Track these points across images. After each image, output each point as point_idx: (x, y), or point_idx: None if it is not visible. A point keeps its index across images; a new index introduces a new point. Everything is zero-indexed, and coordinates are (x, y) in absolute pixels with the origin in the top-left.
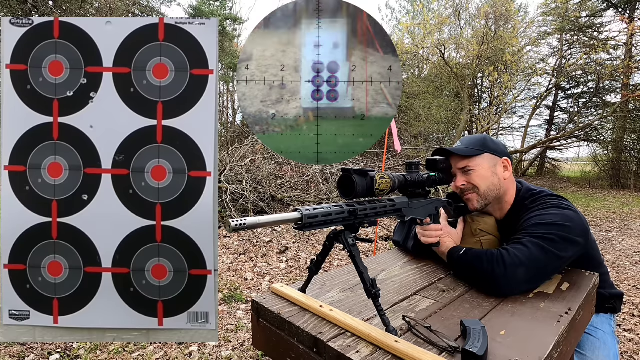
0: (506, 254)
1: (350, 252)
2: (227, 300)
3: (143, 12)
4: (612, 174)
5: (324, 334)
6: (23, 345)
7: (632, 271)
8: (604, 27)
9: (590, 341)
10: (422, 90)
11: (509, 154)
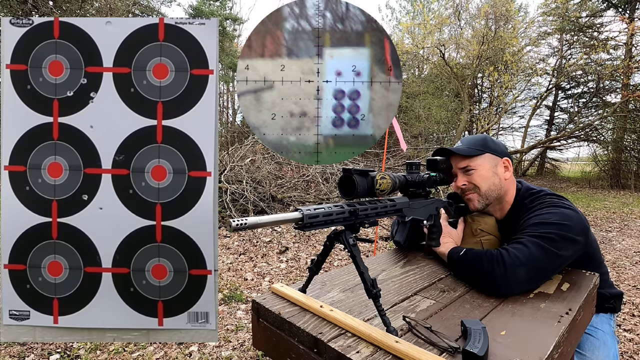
0: (506, 254)
1: (350, 252)
2: (227, 300)
3: (143, 12)
4: (612, 174)
5: (324, 334)
6: (23, 345)
7: (632, 271)
8: (604, 27)
9: (590, 341)
10: (422, 90)
11: (509, 154)
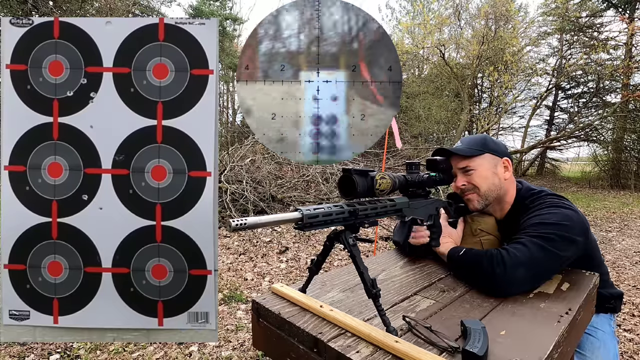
0: (506, 254)
1: (350, 252)
2: (227, 300)
3: (143, 12)
4: (612, 174)
5: (324, 334)
6: (23, 345)
7: (632, 271)
8: (604, 27)
9: (590, 341)
10: (422, 90)
11: (509, 154)
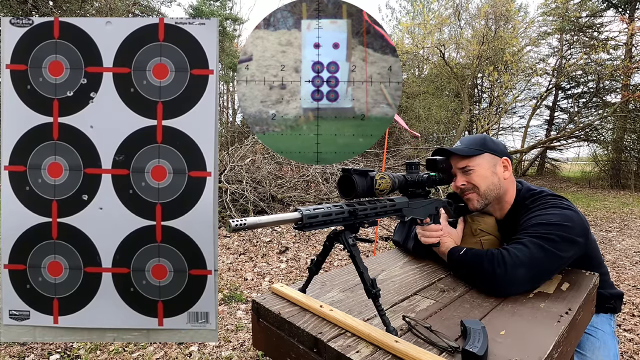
0: (506, 254)
1: (350, 252)
2: (227, 300)
3: (143, 12)
4: (612, 174)
5: (324, 334)
6: (23, 345)
7: (632, 271)
8: (604, 27)
9: (590, 341)
10: (422, 90)
11: (508, 153)
